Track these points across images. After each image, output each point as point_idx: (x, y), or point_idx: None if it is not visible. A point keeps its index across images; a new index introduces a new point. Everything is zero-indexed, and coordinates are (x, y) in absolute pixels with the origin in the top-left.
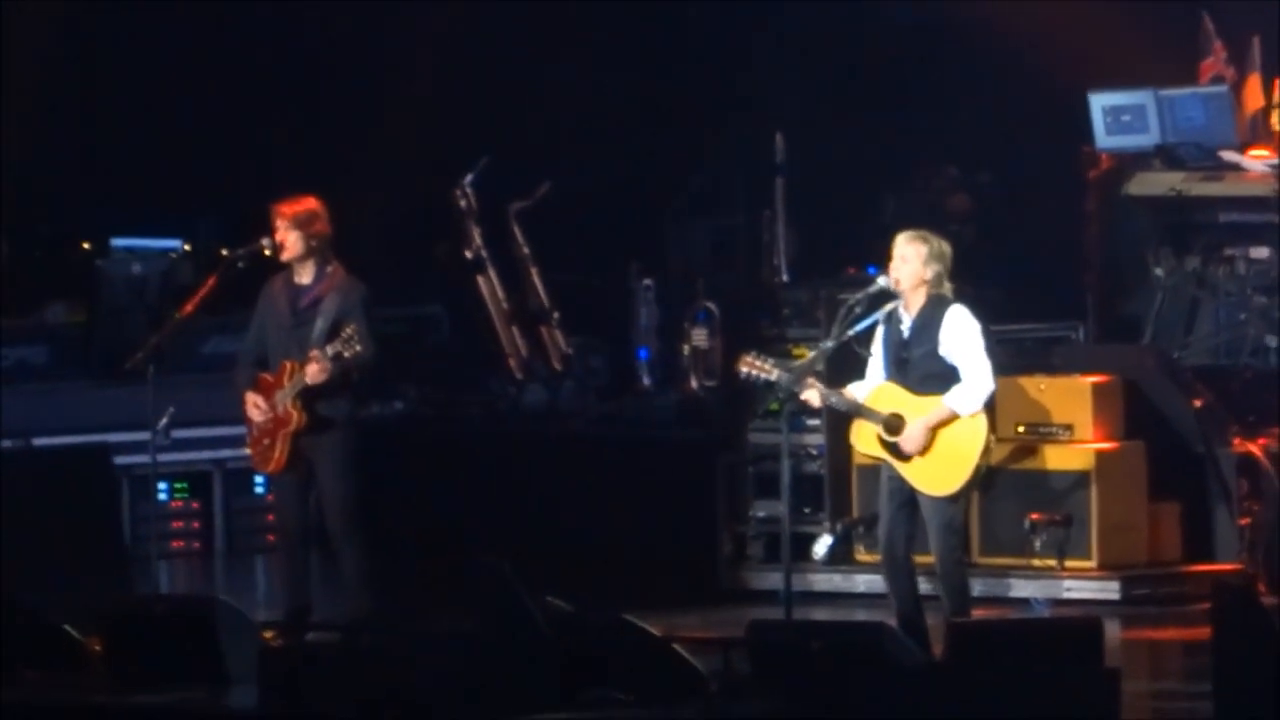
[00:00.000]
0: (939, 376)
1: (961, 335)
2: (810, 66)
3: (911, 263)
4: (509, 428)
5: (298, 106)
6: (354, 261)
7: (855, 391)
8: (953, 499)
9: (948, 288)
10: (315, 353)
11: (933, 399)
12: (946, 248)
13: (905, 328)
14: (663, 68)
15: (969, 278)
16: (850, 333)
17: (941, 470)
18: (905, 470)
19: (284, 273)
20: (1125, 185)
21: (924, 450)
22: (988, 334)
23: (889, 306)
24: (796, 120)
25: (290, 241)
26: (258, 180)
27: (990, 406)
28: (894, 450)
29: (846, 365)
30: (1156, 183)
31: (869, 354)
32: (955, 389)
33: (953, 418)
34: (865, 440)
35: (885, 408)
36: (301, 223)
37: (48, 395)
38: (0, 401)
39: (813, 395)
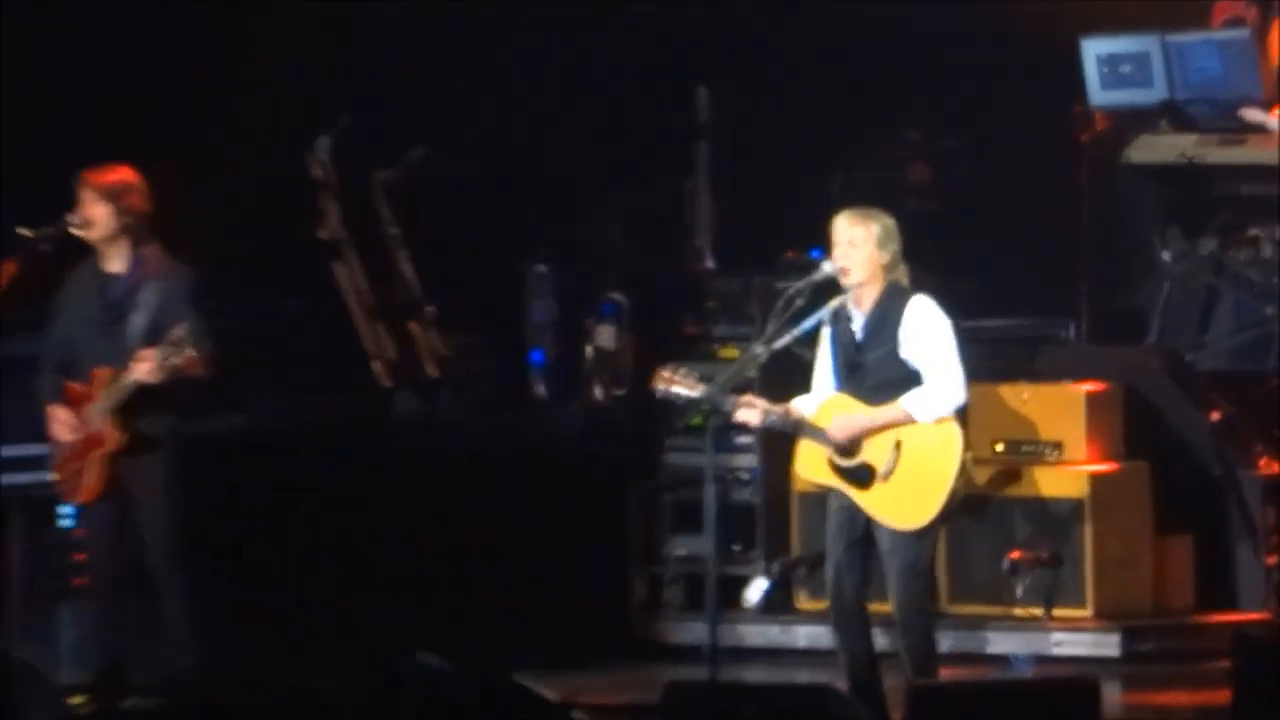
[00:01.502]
0: (899, 383)
1: (927, 333)
2: (742, 9)
3: (861, 247)
4: (374, 445)
5: (124, 66)
6: (190, 245)
7: (799, 406)
8: (920, 534)
9: (904, 272)
10: (146, 351)
11: (892, 403)
12: (893, 224)
13: (857, 326)
14: (564, 12)
15: (933, 264)
16: (791, 333)
17: (908, 498)
18: (863, 499)
19: (91, 258)
20: (1125, 151)
21: (877, 472)
22: (958, 332)
23: (836, 301)
24: (724, 73)
25: (99, 217)
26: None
27: (963, 420)
28: (849, 476)
29: (786, 372)
30: (1163, 148)
31: (813, 357)
32: (915, 390)
33: (906, 422)
34: (812, 465)
35: (835, 416)
36: (113, 195)
37: None
38: None
39: (750, 414)
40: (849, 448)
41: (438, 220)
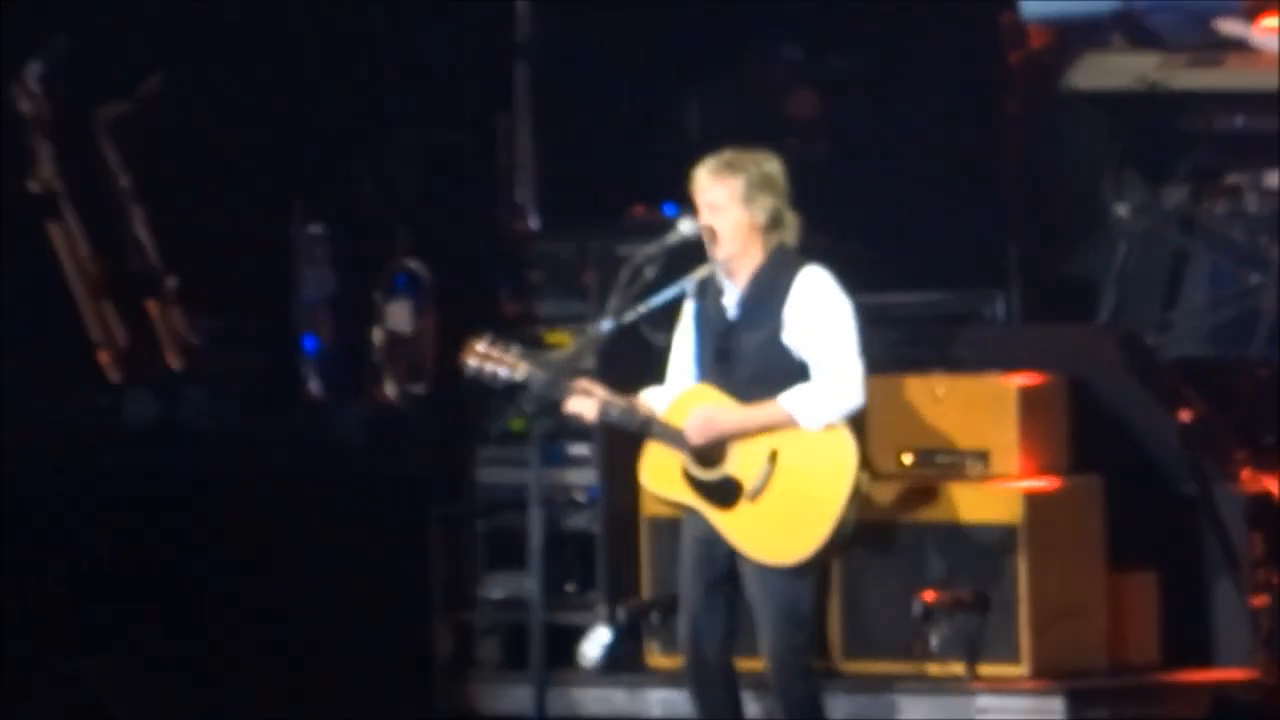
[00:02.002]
0: (781, 377)
1: (818, 314)
2: None
3: (728, 209)
4: (99, 458)
5: None
6: None
7: (651, 401)
8: (799, 572)
9: (794, 229)
10: None
11: (767, 401)
12: (774, 166)
13: (730, 302)
14: None
15: (821, 223)
16: (640, 309)
17: (784, 525)
18: (726, 523)
19: None
20: (1068, 74)
21: (744, 489)
22: (856, 312)
23: (704, 269)
24: None
25: None
26: None
27: (858, 424)
28: (707, 493)
29: (631, 361)
30: (1117, 70)
31: (668, 343)
32: (800, 388)
33: (786, 426)
34: (662, 478)
35: (694, 410)
36: None
37: None
38: None
39: (584, 405)
40: (710, 455)
41: (181, 169)
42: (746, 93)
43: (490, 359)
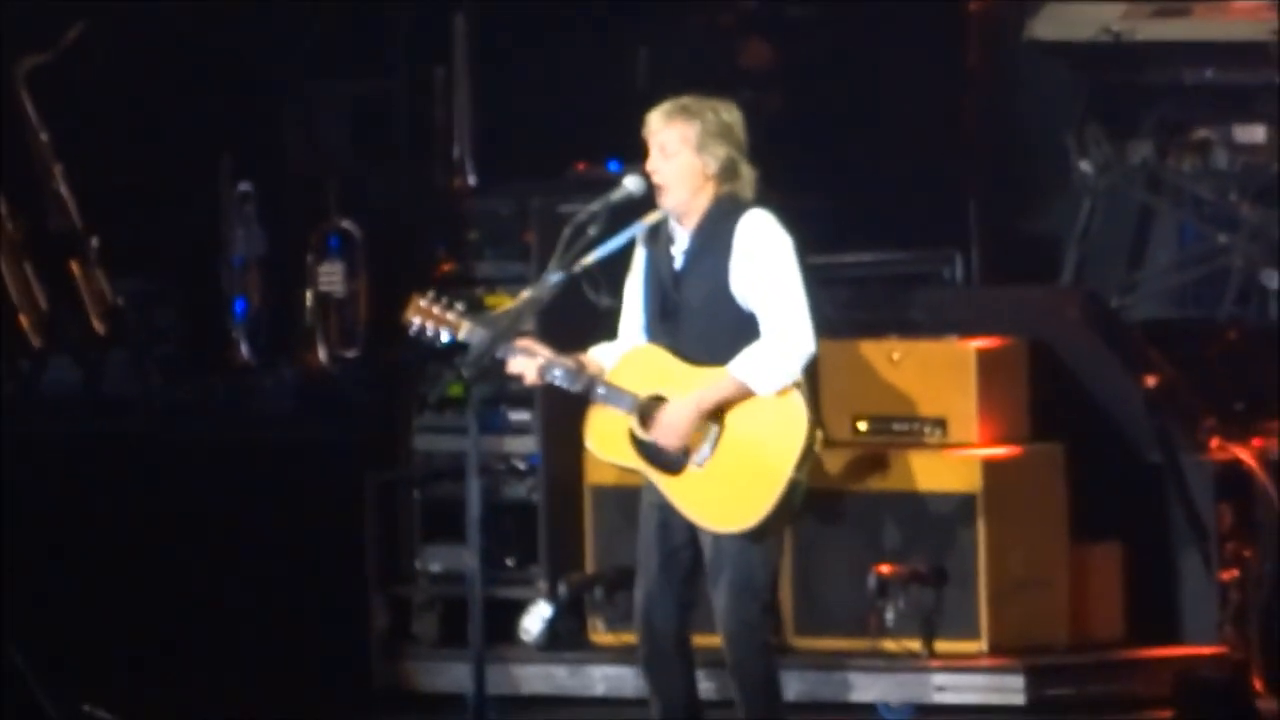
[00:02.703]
0: (732, 332)
1: (764, 258)
2: None
3: (679, 154)
4: (19, 426)
5: None
6: None
7: (599, 359)
8: (753, 537)
9: (750, 183)
10: None
11: (718, 370)
12: (732, 116)
13: (678, 253)
14: None
15: (775, 177)
16: (583, 263)
17: (733, 490)
18: (675, 491)
19: None
20: (1028, 23)
21: (695, 451)
22: (804, 264)
23: (652, 218)
24: None
25: None
26: None
27: (812, 387)
28: (652, 456)
29: (575, 320)
30: (1079, 20)
31: (610, 304)
32: (748, 350)
33: (742, 396)
34: (608, 442)
35: (643, 385)
36: None
37: None
38: None
39: (526, 365)
40: (648, 416)
41: (102, 124)
42: (697, 39)
43: (433, 317)
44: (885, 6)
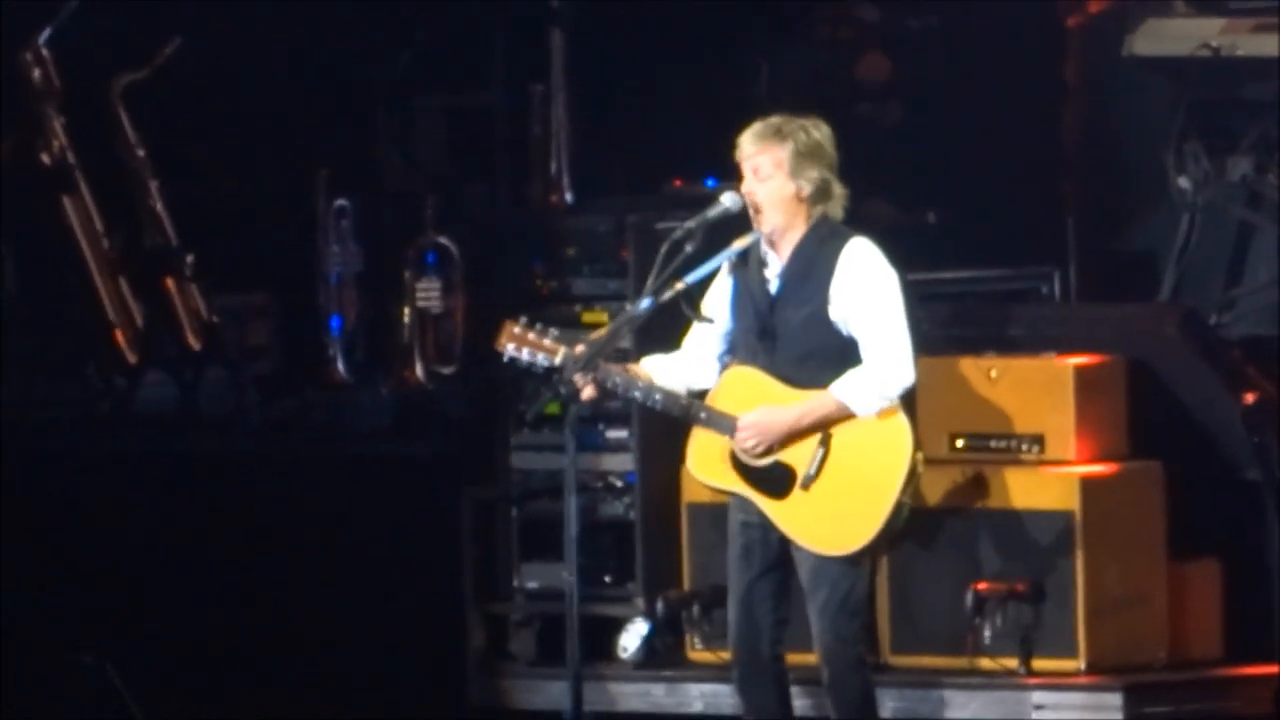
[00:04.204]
0: (830, 356)
1: (866, 290)
2: None
3: (772, 177)
4: (116, 442)
5: None
6: None
7: (650, 369)
8: (854, 560)
9: (841, 202)
10: None
11: (817, 393)
12: (822, 134)
13: (773, 276)
14: None
15: (893, 193)
16: (680, 285)
17: (838, 513)
18: (778, 512)
19: None
20: (1128, 39)
21: (797, 476)
22: (907, 289)
23: (748, 238)
24: None
25: None
26: None
27: (910, 406)
28: (758, 481)
29: (675, 340)
30: (1179, 35)
31: (703, 318)
32: (850, 374)
33: (841, 417)
34: (710, 466)
35: (743, 408)
36: None
37: None
38: None
39: (588, 384)
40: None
41: (199, 140)
42: (813, 53)
43: (528, 343)
44: (993, 19)
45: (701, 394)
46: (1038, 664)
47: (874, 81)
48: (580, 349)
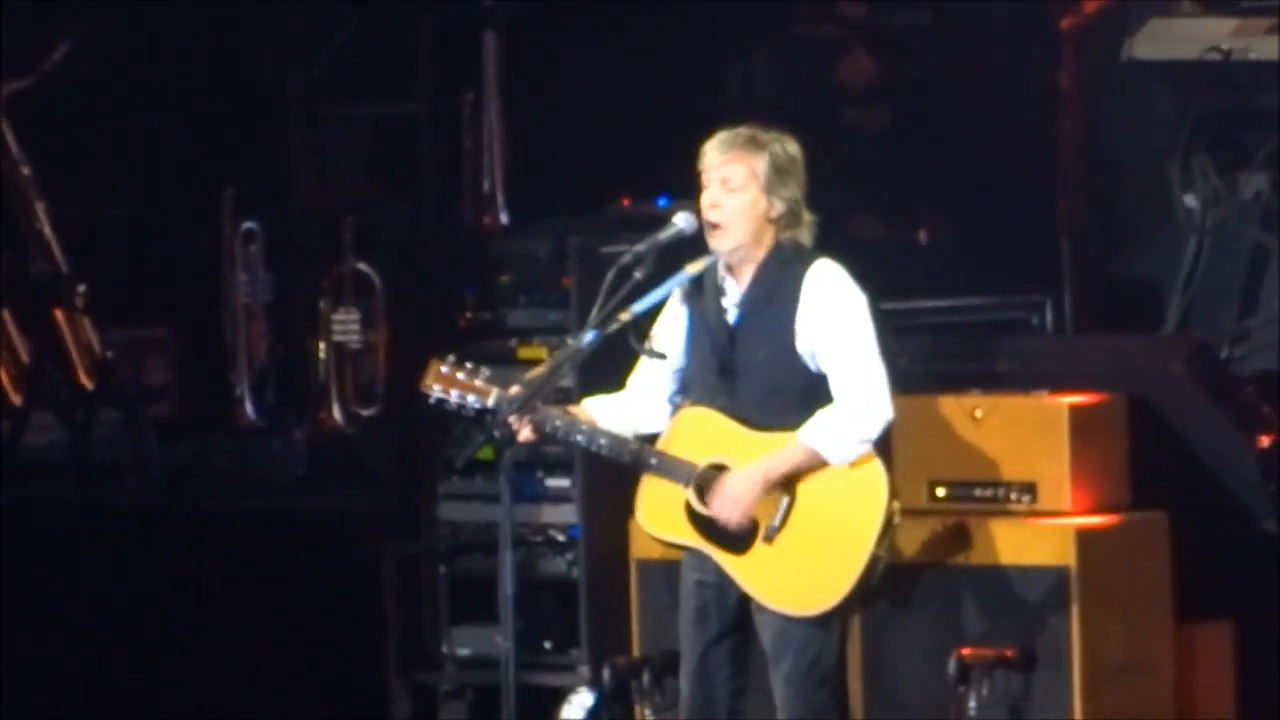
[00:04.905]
0: (795, 394)
1: (835, 315)
2: None
3: (744, 189)
4: None
5: None
6: None
7: (592, 412)
8: (824, 621)
9: (808, 230)
10: None
11: (784, 436)
12: (795, 150)
13: (731, 305)
14: None
15: (879, 207)
16: (626, 316)
17: (805, 569)
18: (738, 568)
19: None
20: (1129, 42)
21: (763, 525)
22: (879, 317)
23: (697, 266)
24: None
25: None
26: None
27: (885, 450)
28: (715, 535)
29: (620, 376)
30: (1185, 36)
31: (655, 353)
32: (820, 416)
33: (813, 466)
34: (662, 518)
35: (699, 453)
36: None
37: None
38: None
39: (524, 427)
40: (707, 487)
41: (90, 155)
42: (791, 52)
43: (457, 384)
44: (984, 19)
45: (651, 438)
46: None
47: (858, 85)
48: (515, 389)
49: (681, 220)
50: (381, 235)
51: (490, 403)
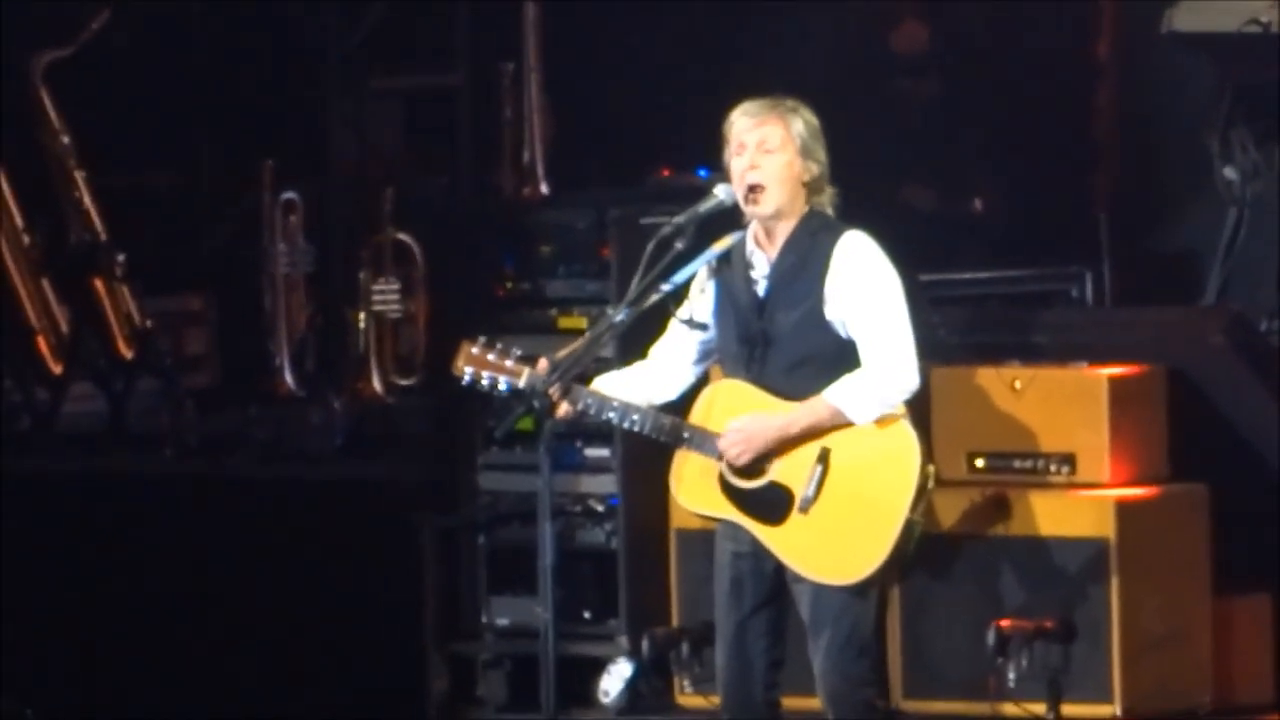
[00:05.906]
0: (825, 362)
1: (865, 284)
2: None
3: (779, 153)
4: (37, 462)
5: None
6: None
7: (621, 387)
8: (861, 590)
9: (829, 200)
10: None
11: (811, 399)
12: (818, 122)
13: (760, 278)
14: None
15: (928, 177)
16: (665, 289)
17: (841, 538)
18: (774, 539)
19: None
20: (1168, 14)
21: (794, 499)
22: (912, 286)
23: (728, 239)
24: None
25: None
26: None
27: (921, 420)
28: (751, 505)
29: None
30: (1224, 9)
31: (695, 324)
32: (846, 378)
33: (835, 425)
34: (698, 491)
35: (728, 425)
36: None
37: None
38: None
39: (561, 402)
40: (751, 462)
41: (130, 125)
42: (844, 22)
43: (488, 365)
44: (1006, 72)
45: (665, 408)
46: (1068, 710)
47: (911, 54)
48: (543, 364)
49: (722, 191)
50: (421, 206)
51: (522, 384)
